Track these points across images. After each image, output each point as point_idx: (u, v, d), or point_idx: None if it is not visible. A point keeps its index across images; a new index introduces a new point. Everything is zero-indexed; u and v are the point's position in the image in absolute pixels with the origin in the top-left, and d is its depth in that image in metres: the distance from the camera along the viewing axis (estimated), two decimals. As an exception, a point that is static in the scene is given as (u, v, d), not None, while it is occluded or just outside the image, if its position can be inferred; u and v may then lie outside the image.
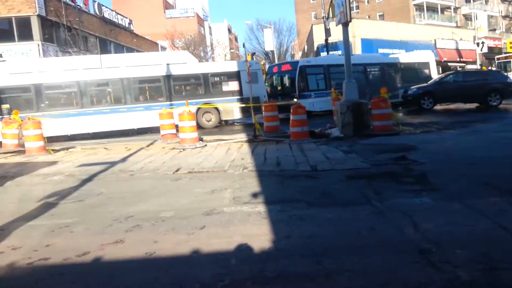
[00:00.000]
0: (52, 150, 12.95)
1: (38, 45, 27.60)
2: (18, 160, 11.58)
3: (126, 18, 45.61)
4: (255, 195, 6.06)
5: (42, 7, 28.07)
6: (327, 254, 3.80)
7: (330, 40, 33.08)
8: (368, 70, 24.44)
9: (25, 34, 27.72)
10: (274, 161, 8.86)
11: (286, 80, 23.45)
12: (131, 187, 7.23)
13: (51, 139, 15.39)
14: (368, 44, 40.72)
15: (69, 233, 4.89)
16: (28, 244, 4.55)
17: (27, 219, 5.55)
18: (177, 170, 8.33)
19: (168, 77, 18.87)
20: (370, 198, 5.53)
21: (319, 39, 38.71)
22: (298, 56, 66.30)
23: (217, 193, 6.39)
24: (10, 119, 15.14)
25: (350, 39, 15.62)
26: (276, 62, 39.77)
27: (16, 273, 3.86)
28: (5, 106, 17.24)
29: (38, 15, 27.61)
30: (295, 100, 13.24)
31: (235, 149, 10.95)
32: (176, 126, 13.51)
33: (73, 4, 32.37)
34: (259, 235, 4.41)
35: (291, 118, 12.07)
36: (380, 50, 38.68)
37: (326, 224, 4.66)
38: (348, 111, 11.97)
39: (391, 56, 29.36)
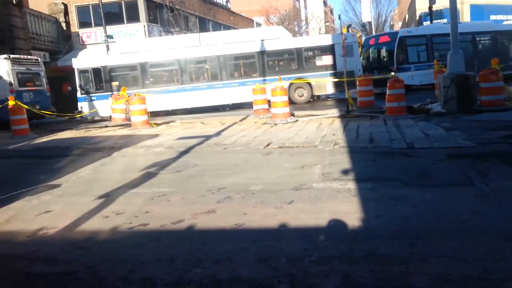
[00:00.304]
0: (155, 124, 13.86)
1: (144, 26, 29.46)
2: (124, 132, 12.60)
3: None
4: (345, 172, 5.89)
5: (147, -11, 29.92)
6: (422, 237, 3.56)
7: (435, 7, 30.48)
8: (477, 39, 22.17)
9: (133, 16, 29.79)
10: (367, 137, 8.51)
11: (384, 53, 22.26)
12: (224, 160, 7.46)
13: (153, 114, 16.47)
14: (478, 10, 36.79)
15: (166, 202, 5.21)
16: (130, 210, 4.94)
17: (130, 187, 6.03)
18: (268, 145, 8.41)
19: (262, 53, 18.99)
20: (474, 180, 5.06)
21: (422, 7, 35.93)
22: (397, 26, 62.52)
23: (306, 168, 6.33)
24: (118, 95, 16.48)
25: (458, 5, 14.21)
26: (374, 34, 37.88)
27: (118, 237, 4.22)
28: (115, 83, 18.79)
29: (143, -3, 29.46)
30: (392, 73, 12.49)
31: (326, 125, 10.74)
32: (269, 101, 13.61)
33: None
34: (348, 212, 4.28)
35: (387, 93, 11.46)
36: (492, 17, 34.78)
37: (423, 206, 4.36)
38: (452, 84, 11.00)
39: (505, 23, 26.28)
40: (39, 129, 15.54)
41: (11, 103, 13.07)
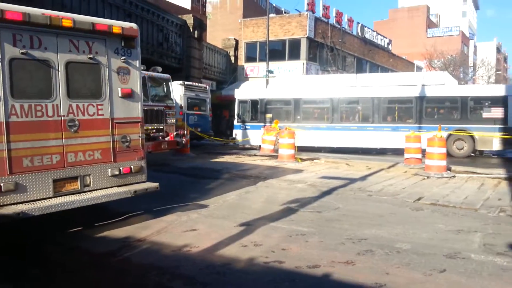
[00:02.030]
0: (300, 159, 14.02)
1: (303, 63, 30.73)
2: (270, 163, 13.00)
3: (386, 38, 45.94)
4: (513, 247, 5.00)
5: (312, 30, 31.20)
6: None
7: None
8: None
9: (294, 54, 31.39)
10: (546, 208, 7.18)
11: None
12: (368, 208, 7.06)
13: (299, 148, 16.74)
14: None
15: (303, 242, 5.08)
16: (268, 244, 4.94)
17: (270, 219, 6.08)
18: (419, 199, 7.71)
19: (421, 98, 17.91)
20: None
21: None
22: None
23: (463, 234, 5.57)
24: (271, 127, 17.21)
25: None
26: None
27: (254, 269, 4.22)
28: (268, 115, 19.73)
29: (307, 37, 30.79)
30: None
31: (490, 186, 9.45)
32: (422, 151, 12.64)
33: (338, 26, 34.65)
34: (516, 299, 3.57)
35: None
36: None
37: None
38: None
39: None
40: (197, 149, 17.08)
41: (179, 123, 14.68)
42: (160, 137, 12.66)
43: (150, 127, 12.11)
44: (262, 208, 6.80)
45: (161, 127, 12.80)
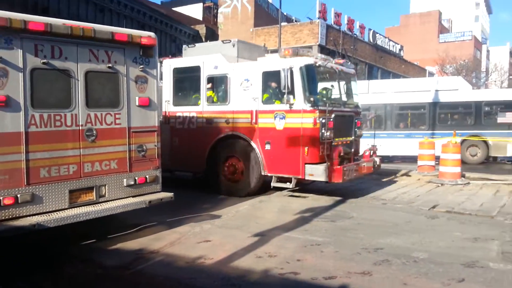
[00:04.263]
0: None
1: (313, 70, 30.84)
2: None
3: (398, 44, 45.71)
4: (533, 256, 4.91)
5: (323, 37, 31.23)
6: None
7: None
8: None
9: (303, 60, 31.56)
10: None
11: None
12: (383, 216, 6.99)
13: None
14: None
15: (319, 252, 5.05)
16: (283, 254, 4.91)
17: (283, 229, 6.05)
18: (434, 207, 7.61)
19: (435, 104, 17.73)
20: None
21: None
22: None
23: (481, 242, 5.49)
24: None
25: None
26: None
27: (269, 281, 4.21)
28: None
29: (319, 45, 30.82)
30: None
31: (506, 192, 9.30)
32: (436, 158, 12.48)
33: (350, 33, 34.64)
34: (538, 310, 3.50)
35: None
36: None
37: None
38: None
39: None
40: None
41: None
42: (354, 156, 8.85)
43: (340, 141, 8.42)
44: (276, 218, 6.78)
45: (350, 140, 8.78)
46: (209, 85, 8.90)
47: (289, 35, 31.67)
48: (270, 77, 8.16)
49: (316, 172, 7.66)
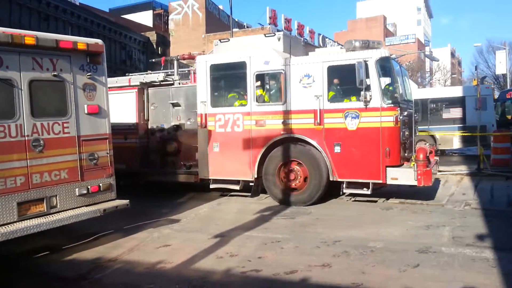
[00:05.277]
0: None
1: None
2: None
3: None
4: (480, 238, 5.18)
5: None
6: None
7: None
8: None
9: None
10: (504, 199, 7.52)
11: (523, 108, 19.97)
12: (340, 211, 7.15)
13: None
14: None
15: (279, 249, 5.08)
16: (243, 253, 4.91)
17: (244, 229, 6.05)
18: (387, 199, 7.87)
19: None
20: None
21: None
22: (540, 80, 56.30)
23: (433, 229, 5.73)
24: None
25: None
26: (509, 87, 34.48)
27: (231, 280, 4.18)
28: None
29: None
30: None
31: (453, 182, 9.79)
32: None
33: (300, 38, 35.40)
34: (486, 286, 3.70)
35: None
36: None
37: None
38: None
39: None
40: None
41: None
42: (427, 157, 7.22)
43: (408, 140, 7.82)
44: (235, 218, 6.76)
45: (412, 139, 8.19)
46: (258, 83, 7.95)
47: (241, 40, 31.87)
48: (337, 72, 7.38)
49: (403, 176, 6.96)
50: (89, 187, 5.62)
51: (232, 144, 8.05)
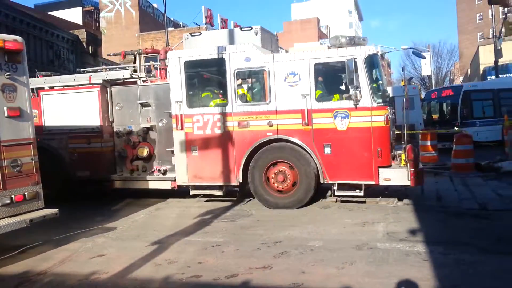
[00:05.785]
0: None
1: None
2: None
3: (283, 49, 47.92)
4: (412, 232, 5.43)
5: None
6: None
7: (501, 61, 29.47)
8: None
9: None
10: (433, 195, 7.96)
11: (446, 107, 21.45)
12: (280, 211, 7.18)
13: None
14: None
15: (220, 253, 4.99)
16: (183, 259, 4.76)
17: (183, 234, 5.89)
18: (325, 198, 8.05)
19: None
20: None
21: (486, 61, 34.82)
22: (458, 81, 60.88)
23: (368, 225, 5.92)
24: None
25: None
26: (434, 87, 36.98)
27: (169, 287, 4.03)
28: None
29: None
30: (456, 128, 11.84)
31: (387, 179, 10.22)
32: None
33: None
34: (420, 279, 3.86)
35: (453, 148, 10.82)
36: None
37: (508, 277, 3.85)
38: (527, 142, 10.20)
39: None
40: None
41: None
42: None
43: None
44: (174, 224, 6.58)
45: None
46: (239, 81, 7.57)
47: (177, 40, 31.34)
48: (325, 70, 7.14)
49: (397, 176, 6.80)
50: (12, 196, 5.20)
51: (213, 147, 7.61)
